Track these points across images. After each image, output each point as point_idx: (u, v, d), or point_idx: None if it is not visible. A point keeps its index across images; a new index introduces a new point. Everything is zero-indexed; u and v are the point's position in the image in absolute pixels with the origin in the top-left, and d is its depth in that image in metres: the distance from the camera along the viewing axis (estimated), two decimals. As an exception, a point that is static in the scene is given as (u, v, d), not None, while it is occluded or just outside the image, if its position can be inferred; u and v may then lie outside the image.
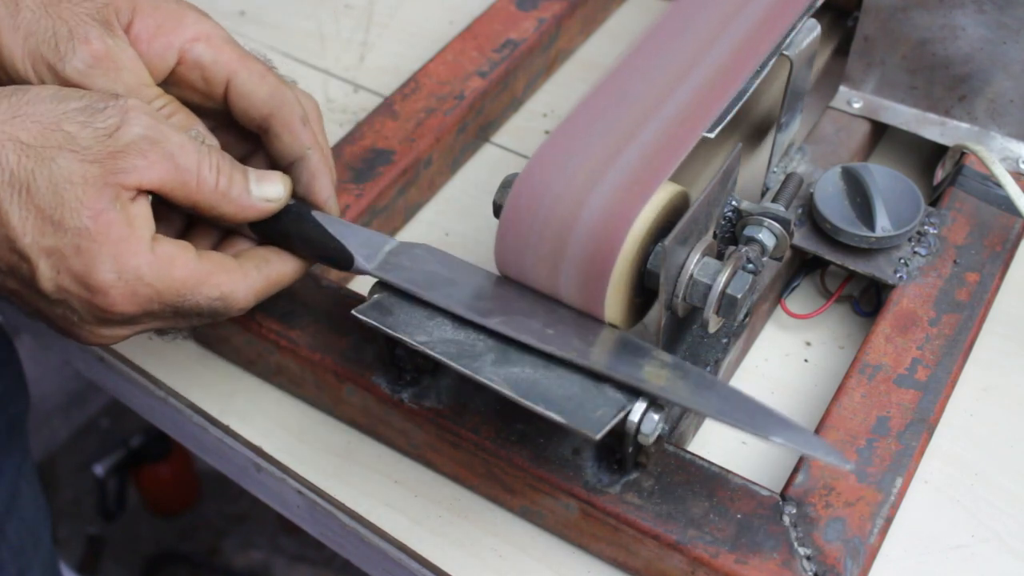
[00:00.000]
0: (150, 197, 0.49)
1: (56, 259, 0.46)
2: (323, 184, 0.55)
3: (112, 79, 0.51)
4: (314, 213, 0.54)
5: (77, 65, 0.51)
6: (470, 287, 0.53)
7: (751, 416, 0.47)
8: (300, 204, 0.54)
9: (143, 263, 0.47)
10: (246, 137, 0.57)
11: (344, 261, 0.54)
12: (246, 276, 0.51)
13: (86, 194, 0.46)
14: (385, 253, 0.54)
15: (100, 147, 0.47)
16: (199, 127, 0.53)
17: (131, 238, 0.47)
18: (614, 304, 0.51)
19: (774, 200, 0.60)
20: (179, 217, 0.55)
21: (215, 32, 0.54)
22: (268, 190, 0.52)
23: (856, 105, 0.70)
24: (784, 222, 0.57)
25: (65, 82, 0.51)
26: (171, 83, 0.54)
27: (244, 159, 0.57)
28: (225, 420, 0.61)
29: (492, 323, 0.51)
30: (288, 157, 0.55)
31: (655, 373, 0.49)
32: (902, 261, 0.62)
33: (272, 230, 0.54)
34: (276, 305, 0.60)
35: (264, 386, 0.63)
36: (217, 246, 0.55)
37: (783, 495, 0.53)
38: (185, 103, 0.54)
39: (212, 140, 0.53)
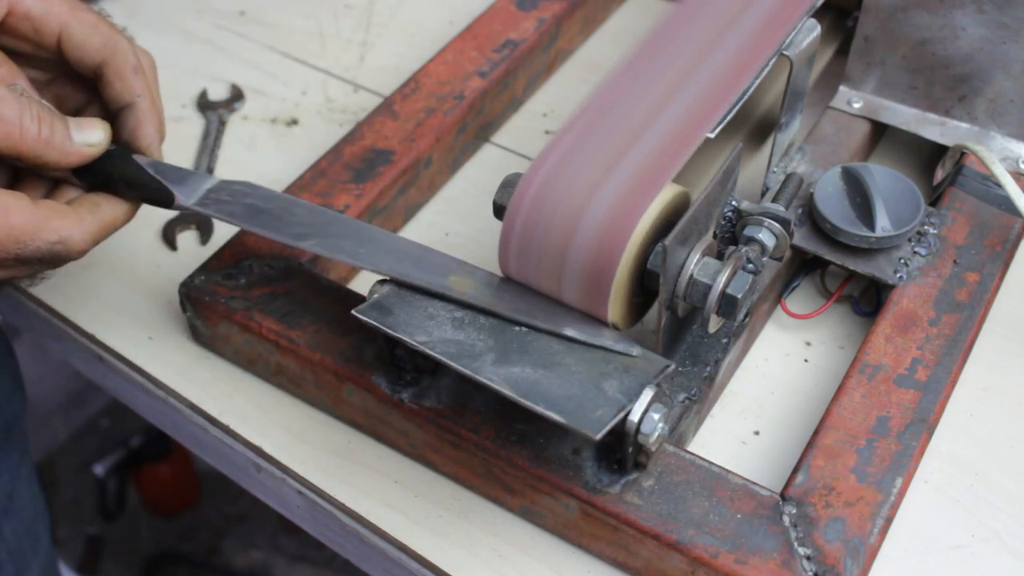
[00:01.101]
0: None
1: None
2: (148, 130, 0.57)
3: None
4: (135, 156, 0.56)
5: None
6: (292, 219, 0.56)
7: (547, 314, 0.51)
8: (121, 149, 0.57)
9: None
10: (81, 88, 0.59)
11: (165, 199, 0.56)
12: (81, 220, 0.53)
13: None
14: (205, 190, 0.57)
15: None
16: (21, 81, 0.55)
17: None
18: (614, 304, 0.51)
19: (774, 200, 0.61)
20: (3, 171, 0.56)
21: None
22: (89, 135, 0.54)
23: (856, 105, 0.70)
24: (784, 222, 0.57)
25: None
26: (1, 33, 0.55)
27: (79, 109, 0.59)
28: (225, 420, 0.61)
29: (308, 245, 0.55)
30: (118, 103, 0.57)
31: (460, 281, 0.53)
32: (902, 261, 0.62)
33: (97, 175, 0.56)
34: (276, 305, 0.60)
35: (264, 386, 0.63)
36: (47, 197, 0.57)
37: (783, 495, 0.53)
38: (18, 53, 0.56)
39: (33, 94, 0.55)
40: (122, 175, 0.56)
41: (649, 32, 0.57)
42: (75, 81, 0.59)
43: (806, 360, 0.63)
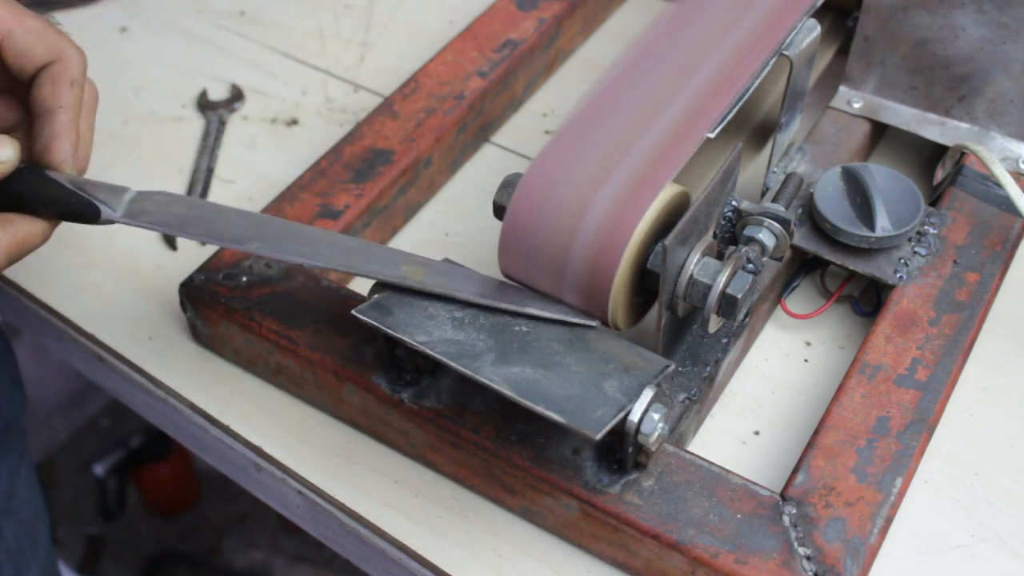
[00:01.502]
0: None
1: None
2: (63, 146, 0.54)
3: None
4: (49, 172, 0.54)
5: None
6: (227, 224, 0.55)
7: (506, 294, 0.52)
8: (33, 166, 0.54)
9: None
10: (14, 108, 0.57)
11: (91, 214, 0.54)
12: None
13: None
14: (127, 202, 0.55)
15: None
16: None
17: None
18: (614, 304, 0.51)
19: (774, 200, 0.60)
20: None
21: None
22: None
23: (856, 105, 0.70)
24: (784, 222, 0.57)
25: None
26: None
27: (10, 128, 0.57)
28: (225, 420, 0.61)
29: (253, 247, 0.54)
30: (40, 107, 0.54)
31: (412, 271, 0.54)
32: (902, 261, 0.62)
33: (5, 193, 0.54)
34: (276, 305, 0.60)
35: (264, 386, 0.63)
36: None
37: (783, 495, 0.53)
38: None
39: None
40: (39, 193, 0.53)
41: (649, 32, 0.57)
42: (9, 100, 0.57)
43: (806, 360, 0.63)
